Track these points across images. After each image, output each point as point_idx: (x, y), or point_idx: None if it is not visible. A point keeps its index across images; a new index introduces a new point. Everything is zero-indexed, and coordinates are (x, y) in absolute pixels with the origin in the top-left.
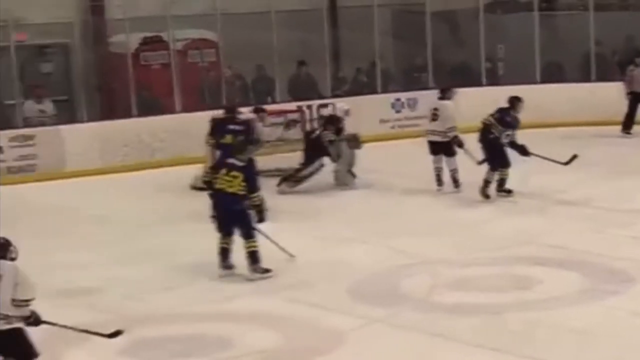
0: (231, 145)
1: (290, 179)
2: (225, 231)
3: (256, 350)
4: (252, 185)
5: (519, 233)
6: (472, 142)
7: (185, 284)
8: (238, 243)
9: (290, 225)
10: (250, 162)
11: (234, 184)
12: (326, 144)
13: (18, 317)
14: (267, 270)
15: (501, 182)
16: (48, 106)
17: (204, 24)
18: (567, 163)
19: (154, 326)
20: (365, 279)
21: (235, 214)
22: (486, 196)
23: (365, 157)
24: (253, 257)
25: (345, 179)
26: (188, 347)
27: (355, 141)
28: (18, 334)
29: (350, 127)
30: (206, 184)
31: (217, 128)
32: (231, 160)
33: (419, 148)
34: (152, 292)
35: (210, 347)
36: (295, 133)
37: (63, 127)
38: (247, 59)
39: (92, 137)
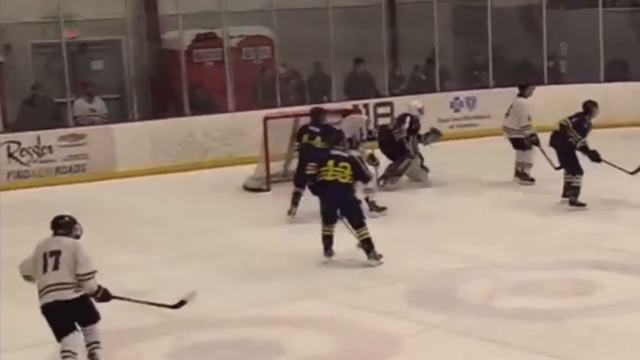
0: (310, 145)
1: (390, 175)
2: (331, 220)
3: (308, 355)
4: (359, 175)
5: (580, 236)
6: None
7: (236, 286)
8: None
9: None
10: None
11: (345, 175)
12: (402, 141)
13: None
14: (381, 256)
15: (574, 190)
16: (99, 104)
17: (259, 20)
18: (634, 172)
19: (204, 330)
20: (421, 282)
21: (346, 204)
22: (565, 197)
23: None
24: (368, 244)
25: (419, 175)
26: (238, 353)
27: (435, 134)
28: (85, 299)
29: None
30: (309, 177)
31: (302, 131)
32: (337, 152)
33: (478, 148)
34: (202, 295)
35: (260, 353)
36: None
37: (114, 126)
38: (303, 57)
39: (143, 136)
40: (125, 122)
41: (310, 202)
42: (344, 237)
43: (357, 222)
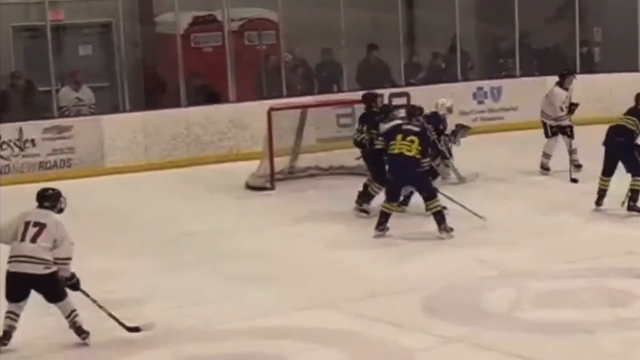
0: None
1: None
2: (393, 198)
3: None
4: (425, 150)
5: (615, 241)
6: None
7: (238, 294)
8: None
9: (358, 227)
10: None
11: (412, 148)
12: (434, 142)
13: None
14: (452, 229)
15: (634, 195)
16: (86, 93)
17: (263, 1)
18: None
19: (203, 343)
20: (440, 292)
21: (414, 177)
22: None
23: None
24: (439, 216)
25: (444, 172)
26: None
27: (464, 129)
28: (54, 277)
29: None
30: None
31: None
32: (407, 127)
33: (504, 142)
34: (201, 304)
35: None
36: None
37: (103, 118)
38: (311, 42)
39: (135, 128)
40: (116, 113)
41: (321, 202)
42: (357, 240)
43: (426, 195)
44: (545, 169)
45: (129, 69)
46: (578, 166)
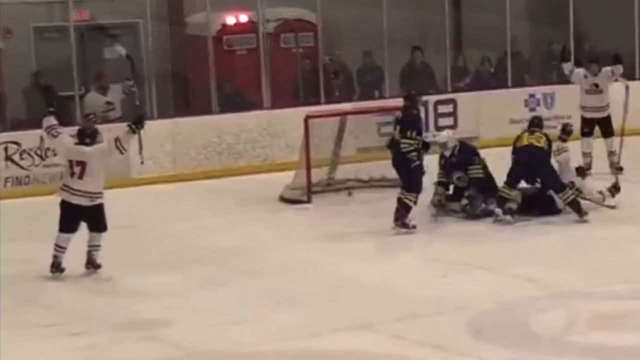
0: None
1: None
2: (513, 183)
3: None
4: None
5: None
6: None
7: (269, 314)
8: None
9: (399, 242)
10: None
11: (541, 141)
12: None
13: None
14: (586, 213)
15: None
16: (116, 98)
17: (301, 1)
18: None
19: None
20: (488, 313)
21: (541, 167)
22: None
23: (490, 166)
24: (574, 205)
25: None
26: None
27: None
28: (100, 208)
29: (469, 126)
30: None
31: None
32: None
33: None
34: (228, 325)
35: None
36: None
37: None
38: (352, 45)
39: (163, 136)
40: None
41: (360, 217)
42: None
43: (556, 187)
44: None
45: (157, 73)
46: (618, 169)
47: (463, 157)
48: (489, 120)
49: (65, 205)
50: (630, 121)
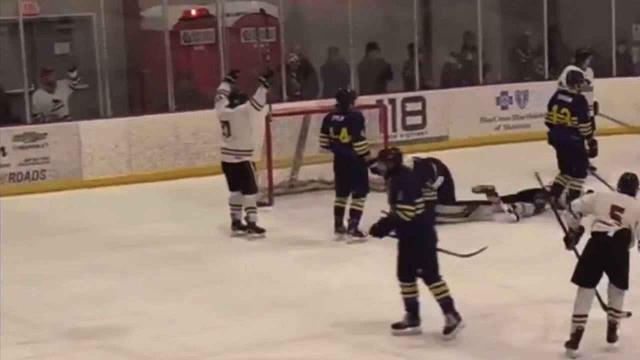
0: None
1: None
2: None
3: None
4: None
5: None
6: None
7: (233, 322)
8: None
9: (365, 247)
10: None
11: (566, 120)
12: None
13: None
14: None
15: None
16: (64, 92)
17: None
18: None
19: None
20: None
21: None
22: None
23: (462, 166)
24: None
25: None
26: None
27: None
28: (246, 167)
29: (439, 126)
30: None
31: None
32: (561, 97)
33: (531, 153)
34: (189, 333)
35: None
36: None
37: (81, 124)
38: (316, 40)
39: (117, 136)
40: (96, 119)
41: (325, 220)
42: (365, 262)
43: (575, 172)
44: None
45: (111, 69)
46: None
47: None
48: (459, 119)
49: (222, 165)
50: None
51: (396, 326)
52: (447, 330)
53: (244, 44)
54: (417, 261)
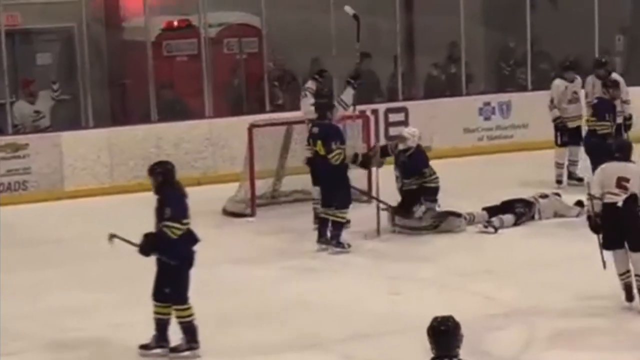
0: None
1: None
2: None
3: None
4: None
5: None
6: None
7: (213, 334)
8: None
9: (348, 258)
10: None
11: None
12: None
13: None
14: None
15: None
16: (45, 105)
17: (245, 5)
18: None
19: None
20: None
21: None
22: None
23: (446, 176)
24: None
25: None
26: None
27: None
28: None
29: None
30: None
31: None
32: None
33: (514, 163)
34: (172, 344)
35: None
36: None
37: (63, 135)
38: (298, 51)
39: (99, 146)
40: (78, 129)
41: (307, 231)
42: (346, 274)
43: None
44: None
45: (93, 80)
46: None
47: (413, 164)
48: (442, 130)
49: (306, 160)
50: None
51: (144, 347)
52: (174, 349)
53: (227, 54)
54: (166, 281)
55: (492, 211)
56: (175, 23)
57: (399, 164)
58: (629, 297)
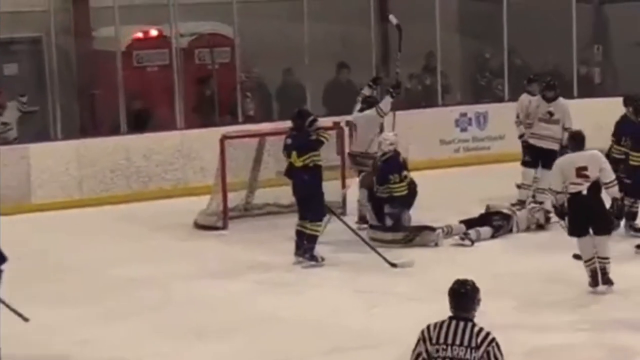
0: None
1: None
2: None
3: None
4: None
5: (625, 288)
6: None
7: (184, 350)
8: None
9: (323, 272)
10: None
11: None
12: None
13: None
14: None
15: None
16: (12, 117)
17: (217, 14)
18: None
19: None
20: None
21: None
22: None
23: (422, 189)
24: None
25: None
26: None
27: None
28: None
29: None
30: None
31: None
32: None
33: (491, 176)
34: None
35: None
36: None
37: (31, 147)
38: (271, 61)
39: (68, 158)
40: (46, 141)
41: (280, 245)
42: (320, 287)
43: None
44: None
45: (62, 90)
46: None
47: (385, 170)
48: (418, 141)
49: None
50: None
51: None
52: None
53: (198, 64)
54: None
55: (470, 224)
56: (146, 33)
57: (377, 169)
58: (595, 283)
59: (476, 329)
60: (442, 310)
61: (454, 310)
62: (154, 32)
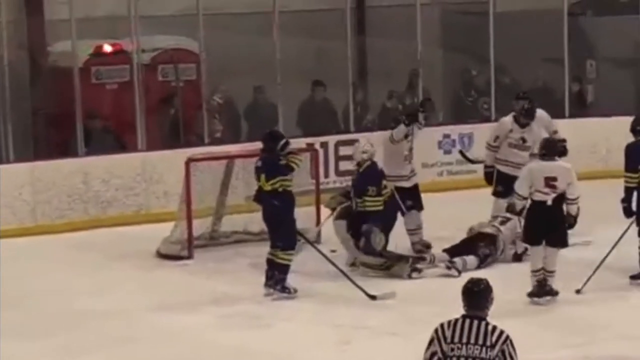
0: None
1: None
2: None
3: None
4: None
5: (618, 322)
6: None
7: None
8: None
9: (293, 304)
10: None
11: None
12: None
13: None
14: None
15: None
16: None
17: (181, 28)
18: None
19: None
20: None
21: None
22: None
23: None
24: None
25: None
26: None
27: None
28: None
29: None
30: None
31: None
32: None
33: (476, 201)
34: None
35: None
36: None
37: None
38: (239, 78)
39: (21, 182)
40: None
41: (250, 275)
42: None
43: None
44: None
45: (14, 109)
46: None
47: (362, 181)
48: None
49: None
50: None
51: None
52: None
53: (162, 81)
54: None
55: (453, 252)
56: (106, 48)
57: (352, 181)
58: (539, 293)
59: (490, 327)
60: (416, 345)
61: (467, 309)
62: (108, 48)
